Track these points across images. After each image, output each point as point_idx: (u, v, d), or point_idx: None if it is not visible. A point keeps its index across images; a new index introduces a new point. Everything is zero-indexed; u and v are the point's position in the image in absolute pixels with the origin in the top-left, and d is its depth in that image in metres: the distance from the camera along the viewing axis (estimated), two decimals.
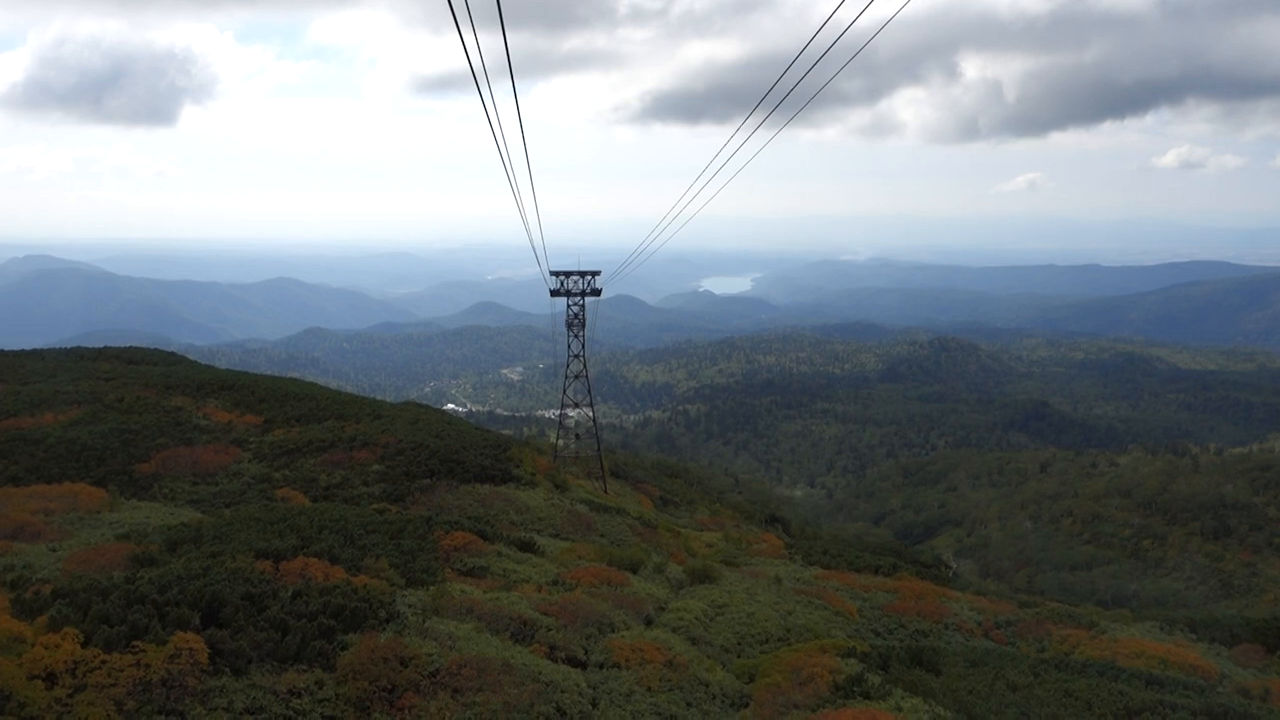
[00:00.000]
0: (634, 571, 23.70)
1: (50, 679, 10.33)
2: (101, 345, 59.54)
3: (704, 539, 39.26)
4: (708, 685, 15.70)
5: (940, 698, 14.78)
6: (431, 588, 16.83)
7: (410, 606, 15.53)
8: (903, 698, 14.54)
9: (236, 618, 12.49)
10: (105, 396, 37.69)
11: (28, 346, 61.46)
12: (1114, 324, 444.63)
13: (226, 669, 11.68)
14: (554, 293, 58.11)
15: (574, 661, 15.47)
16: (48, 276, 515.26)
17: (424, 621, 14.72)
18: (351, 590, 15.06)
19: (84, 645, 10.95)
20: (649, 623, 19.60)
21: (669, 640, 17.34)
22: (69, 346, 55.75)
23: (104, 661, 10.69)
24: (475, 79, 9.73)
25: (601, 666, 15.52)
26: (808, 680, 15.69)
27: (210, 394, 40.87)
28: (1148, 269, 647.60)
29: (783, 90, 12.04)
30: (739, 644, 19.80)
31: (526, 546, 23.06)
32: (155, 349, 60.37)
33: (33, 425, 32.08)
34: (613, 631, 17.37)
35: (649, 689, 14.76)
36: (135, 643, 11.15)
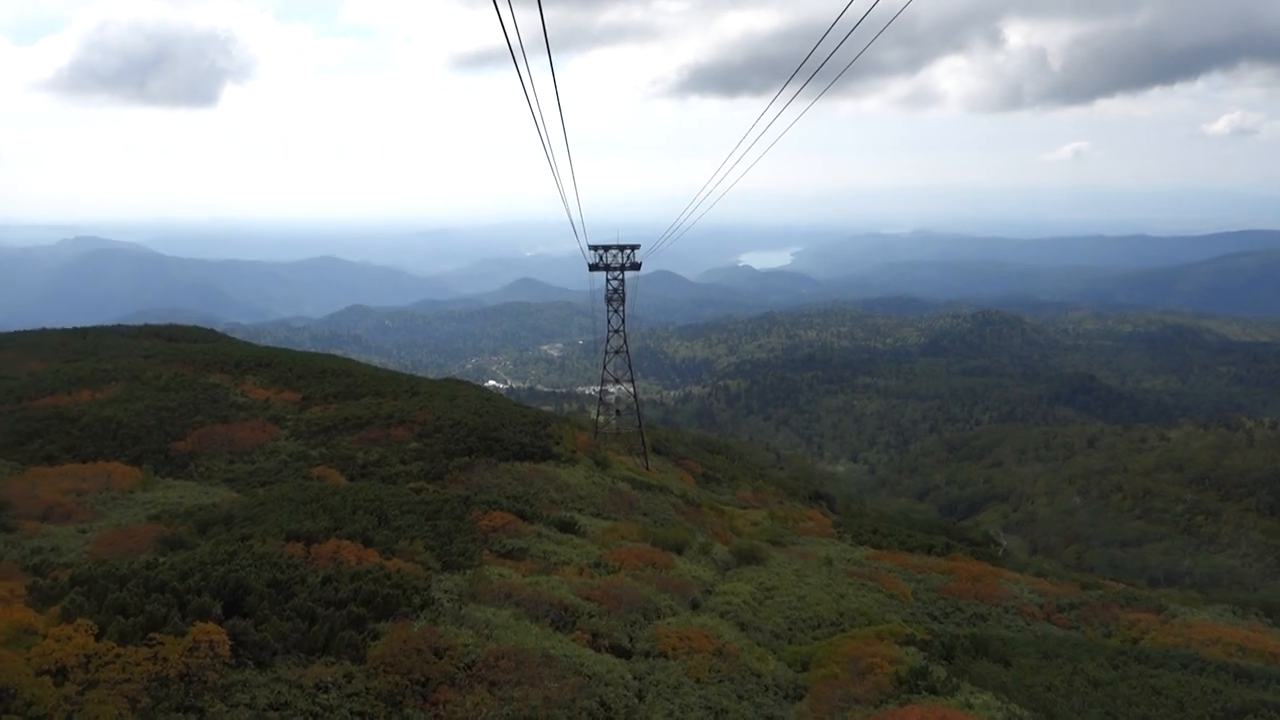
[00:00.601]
0: (679, 552, 22.83)
1: (60, 674, 9.62)
2: (144, 324, 59.65)
3: (749, 517, 38.30)
4: (759, 676, 14.80)
5: (1014, 693, 13.73)
6: (468, 572, 16.08)
7: (446, 592, 14.78)
8: (972, 693, 13.51)
9: (261, 606, 11.76)
10: (144, 374, 37.41)
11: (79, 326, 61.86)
12: (1163, 296, 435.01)
13: (250, 661, 10.94)
14: (593, 267, 57.18)
15: (618, 650, 14.65)
16: (98, 257, 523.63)
17: (460, 609, 13.95)
18: (384, 575, 14.33)
19: (98, 637, 10.24)
20: (695, 606, 18.75)
21: (717, 626, 16.45)
22: (111, 325, 55.96)
23: (118, 655, 9.96)
24: (512, 53, 9.44)
25: (647, 655, 14.68)
26: (867, 671, 14.73)
27: (248, 371, 40.48)
28: (1198, 239, 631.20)
29: (818, 60, 11.58)
30: (790, 629, 18.89)
31: (567, 526, 22.27)
32: (195, 326, 60.43)
33: (70, 403, 31.85)
34: (658, 617, 16.53)
35: (698, 680, 13.88)
36: (152, 634, 10.42)
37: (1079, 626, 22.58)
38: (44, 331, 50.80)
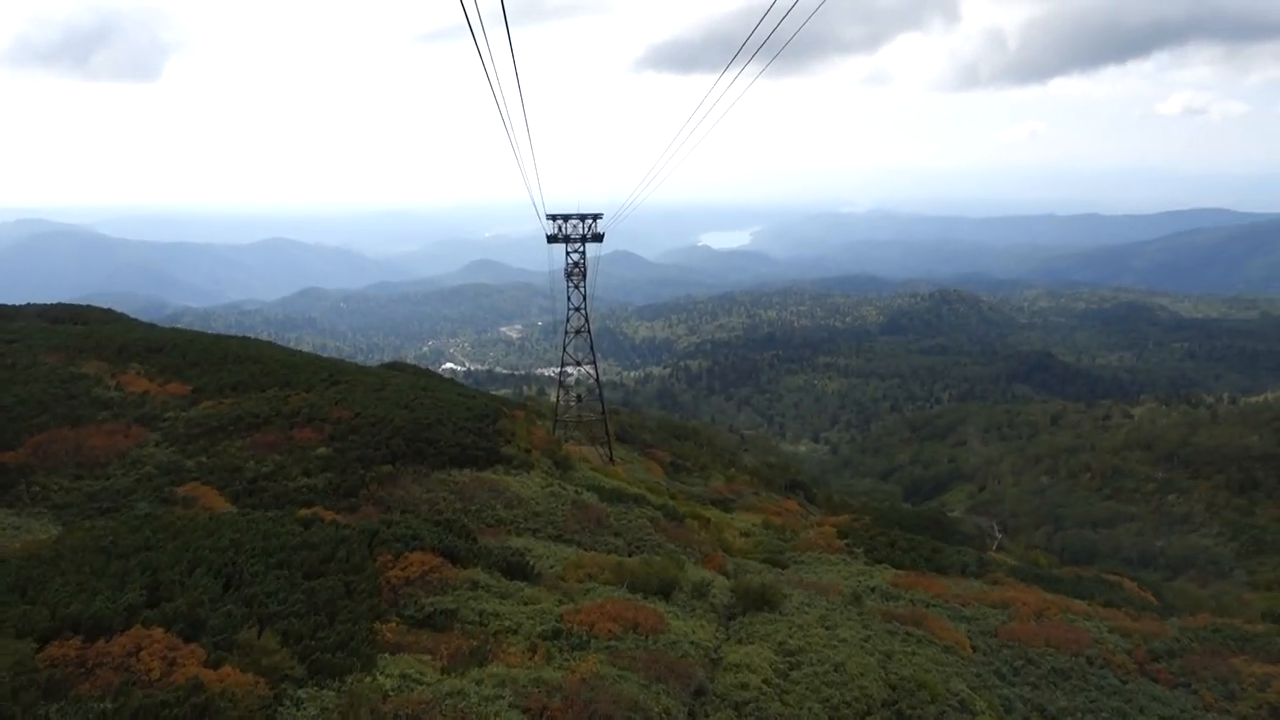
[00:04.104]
0: (666, 596, 16.99)
1: None
2: (27, 303, 52.23)
3: (737, 525, 32.59)
4: None
5: None
6: (350, 679, 10.06)
7: None
8: None
9: None
10: None
11: None
12: (1116, 273, 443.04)
13: None
14: (551, 238, 51.92)
15: None
16: (42, 240, 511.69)
17: None
18: (193, 711, 8.32)
19: None
20: (700, 695, 12.93)
21: None
22: None
23: None
24: (468, 21, 9.23)
25: None
26: None
27: (134, 358, 33.64)
28: (1149, 217, 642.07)
29: (766, 33, 11.78)
30: None
31: (515, 569, 16.15)
32: (89, 305, 52.99)
33: None
34: None
35: None
36: None
37: (1190, 684, 17.22)
38: None
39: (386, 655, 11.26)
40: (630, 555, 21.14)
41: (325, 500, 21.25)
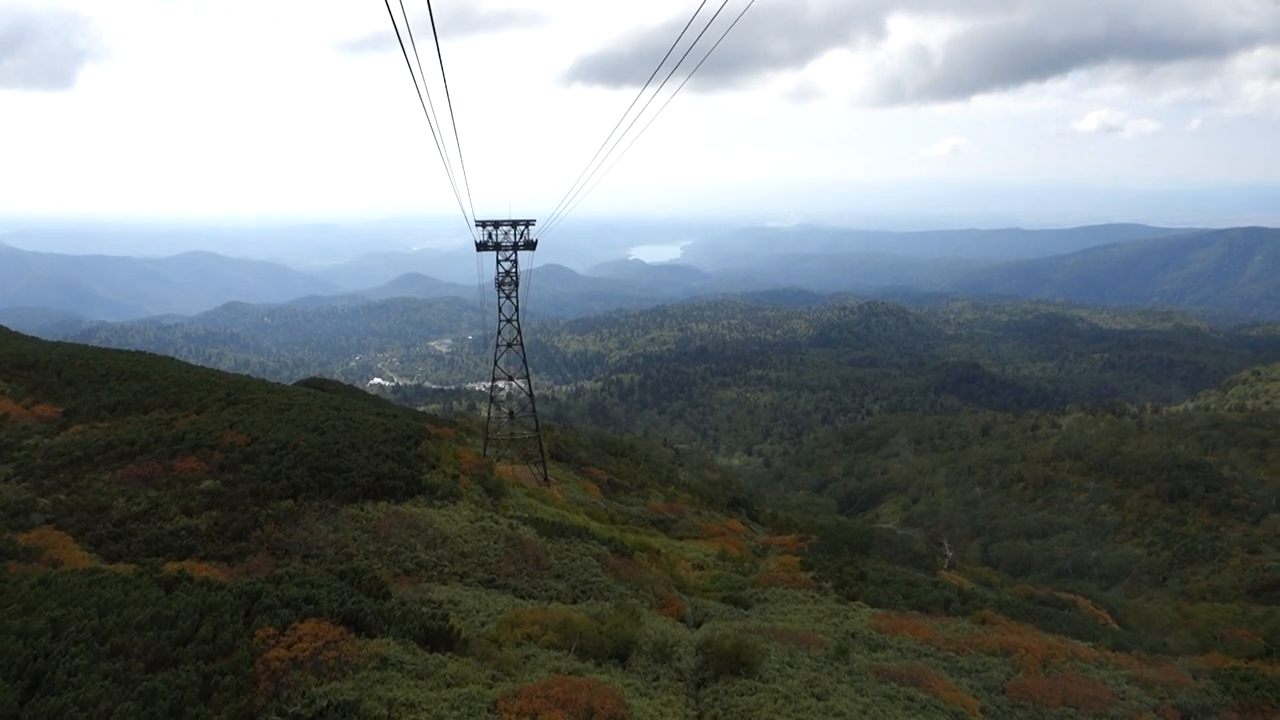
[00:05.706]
0: (623, 661, 13.95)
1: None
2: None
3: (689, 555, 29.51)
4: None
5: None
6: None
7: None
8: None
9: None
10: None
11: None
12: (1036, 285, 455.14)
13: None
14: (481, 246, 48.81)
15: None
16: None
17: None
18: None
19: None
20: None
21: None
22: None
23: None
24: (396, 31, 9.48)
25: None
26: None
27: (1, 375, 29.46)
28: (1067, 232, 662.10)
29: (692, 42, 11.46)
30: None
31: (437, 636, 12.84)
32: None
33: None
34: None
35: None
36: None
37: None
38: None
39: None
40: (575, 602, 18.04)
41: (208, 545, 17.70)
